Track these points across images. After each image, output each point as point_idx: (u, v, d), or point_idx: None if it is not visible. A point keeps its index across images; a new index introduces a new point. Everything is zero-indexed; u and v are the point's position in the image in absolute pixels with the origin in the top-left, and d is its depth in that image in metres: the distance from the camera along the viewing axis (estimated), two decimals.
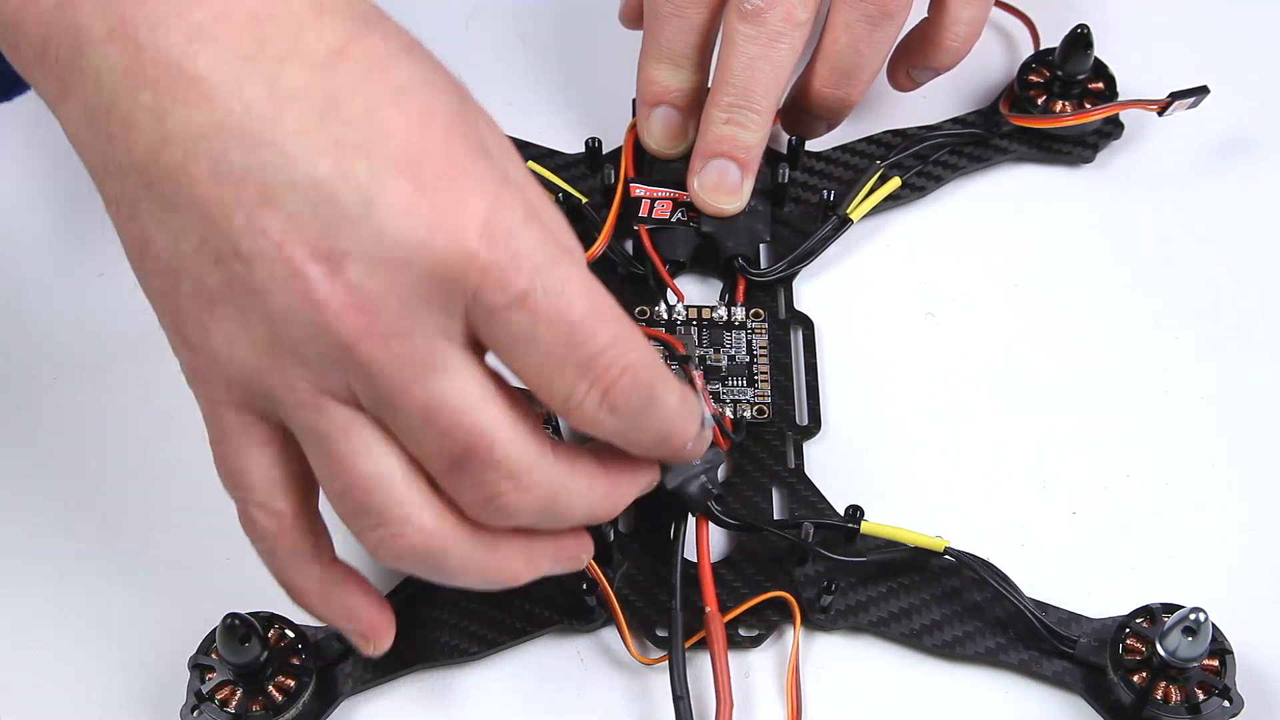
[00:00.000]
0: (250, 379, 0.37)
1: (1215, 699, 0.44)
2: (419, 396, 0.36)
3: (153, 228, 0.36)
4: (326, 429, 0.37)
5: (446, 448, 0.36)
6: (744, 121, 0.51)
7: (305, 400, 0.36)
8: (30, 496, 0.50)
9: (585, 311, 0.36)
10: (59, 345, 0.54)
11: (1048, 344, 0.53)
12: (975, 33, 0.54)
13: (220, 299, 0.36)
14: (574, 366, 0.36)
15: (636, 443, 0.39)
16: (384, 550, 0.38)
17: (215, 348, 0.37)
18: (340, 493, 0.38)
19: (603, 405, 0.37)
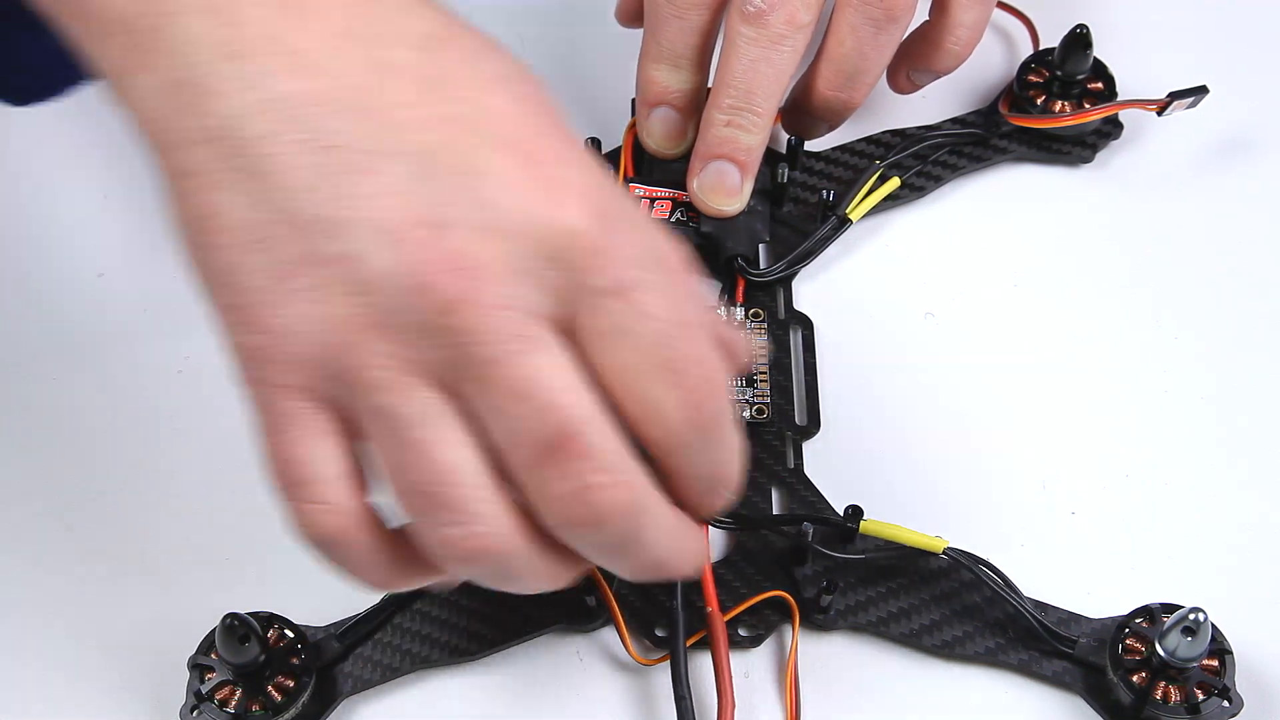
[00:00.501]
0: (324, 357, 0.34)
1: (1215, 699, 0.44)
2: (515, 372, 0.34)
3: (225, 198, 0.35)
4: (407, 413, 0.35)
5: (539, 430, 0.34)
6: (744, 123, 0.51)
7: (387, 380, 0.34)
8: (30, 496, 0.50)
9: (686, 316, 0.35)
10: (59, 345, 0.54)
11: (1048, 344, 0.53)
12: (976, 36, 0.54)
13: (299, 270, 0.34)
14: (665, 370, 0.35)
15: (696, 475, 0.37)
16: (452, 550, 0.36)
17: (287, 324, 0.34)
18: (412, 486, 0.35)
19: (687, 419, 0.36)
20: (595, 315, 0.35)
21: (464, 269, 0.34)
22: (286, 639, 0.45)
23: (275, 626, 0.46)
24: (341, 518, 0.36)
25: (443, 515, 0.35)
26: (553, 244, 0.34)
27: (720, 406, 0.36)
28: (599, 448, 0.35)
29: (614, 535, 0.36)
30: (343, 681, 0.46)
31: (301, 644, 0.45)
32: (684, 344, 0.35)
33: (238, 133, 0.34)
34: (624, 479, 0.35)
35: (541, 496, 0.35)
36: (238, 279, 0.35)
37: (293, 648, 0.45)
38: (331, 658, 0.46)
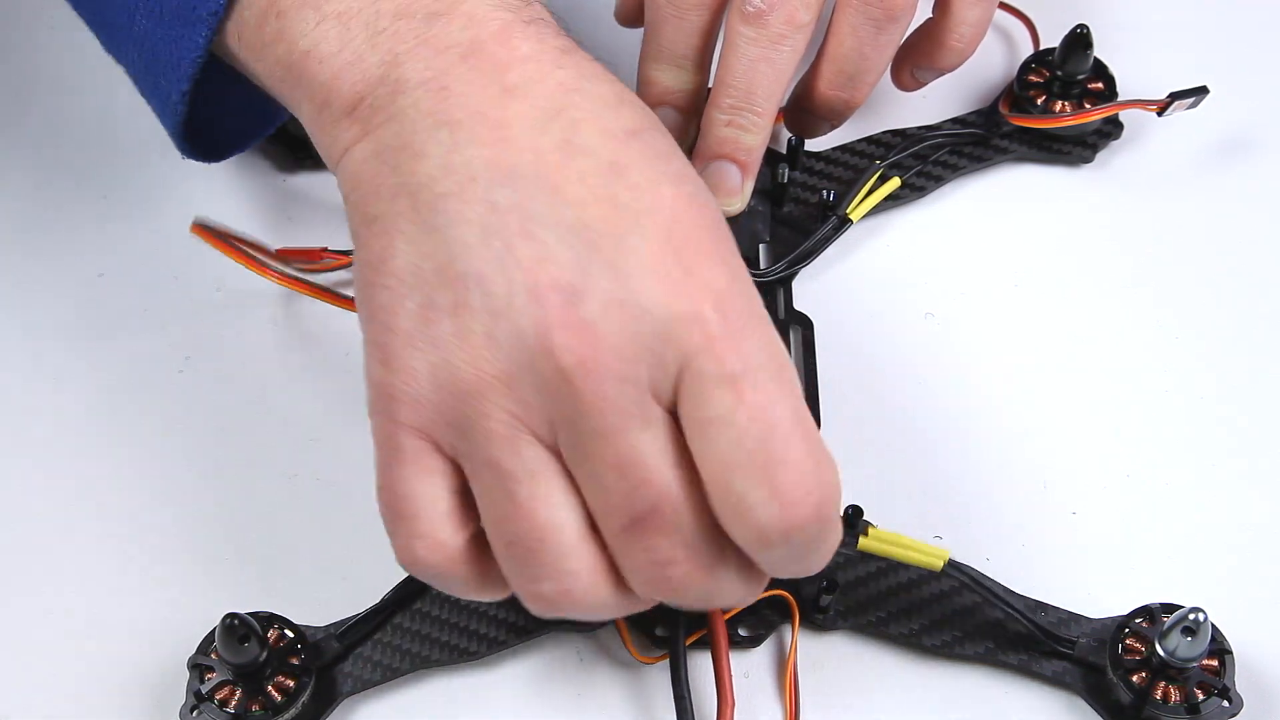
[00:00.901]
0: (447, 403, 0.37)
1: (1215, 699, 0.44)
2: (618, 446, 0.36)
3: (402, 244, 0.38)
4: (513, 468, 0.37)
5: (632, 504, 0.37)
6: (745, 124, 0.51)
7: (500, 433, 0.37)
8: (30, 496, 0.50)
9: (791, 421, 0.36)
10: (59, 345, 0.54)
11: (1048, 344, 0.53)
12: (979, 34, 0.54)
13: (444, 318, 0.37)
14: (760, 468, 0.36)
15: (779, 570, 0.39)
16: (540, 602, 0.39)
17: (419, 366, 0.37)
18: (511, 539, 0.38)
19: (777, 522, 0.36)
20: (701, 403, 0.36)
21: (587, 338, 0.36)
22: (286, 639, 0.45)
23: (275, 626, 0.46)
24: (441, 553, 0.39)
25: (533, 571, 0.38)
26: (674, 327, 0.36)
27: (820, 517, 0.37)
28: (684, 527, 0.37)
29: (687, 602, 0.38)
30: (343, 681, 0.46)
31: (301, 644, 0.45)
32: (784, 448, 0.36)
33: (429, 190, 0.38)
34: (703, 560, 0.37)
35: (626, 561, 0.38)
36: (390, 318, 0.38)
37: (293, 648, 0.45)
38: (331, 658, 0.46)
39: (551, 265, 0.37)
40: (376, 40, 0.40)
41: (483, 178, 0.38)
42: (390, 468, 0.38)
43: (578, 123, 0.38)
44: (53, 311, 0.54)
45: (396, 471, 0.38)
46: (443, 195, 0.38)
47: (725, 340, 0.36)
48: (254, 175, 0.57)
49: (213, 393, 0.52)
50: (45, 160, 0.58)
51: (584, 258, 0.37)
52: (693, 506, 0.37)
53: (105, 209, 0.57)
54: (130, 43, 0.46)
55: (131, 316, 0.54)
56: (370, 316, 0.39)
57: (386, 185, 0.39)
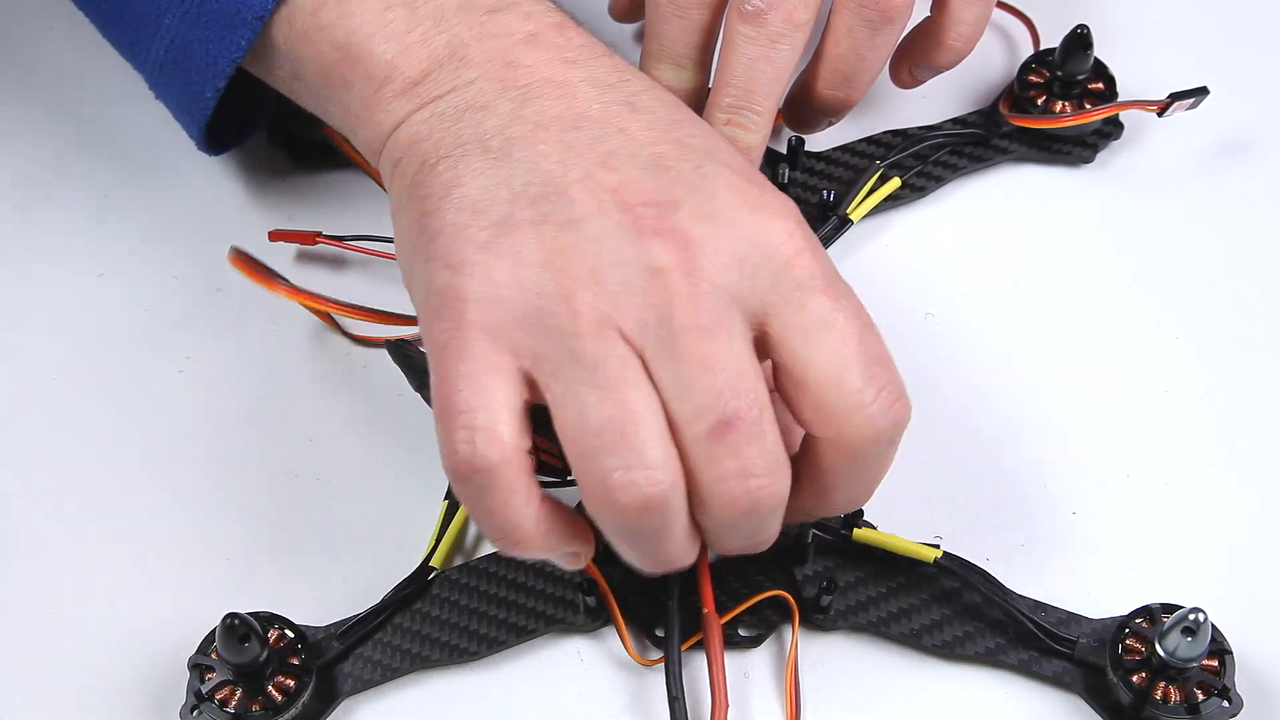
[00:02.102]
0: (530, 303, 0.38)
1: (1215, 699, 0.44)
2: (711, 347, 0.37)
3: (470, 176, 0.40)
4: (604, 356, 0.37)
5: (720, 407, 0.37)
6: (744, 122, 0.51)
7: (587, 325, 0.37)
8: (30, 496, 0.50)
9: (870, 322, 0.39)
10: (59, 345, 0.54)
11: (1048, 344, 0.53)
12: (977, 32, 0.54)
13: (525, 228, 0.39)
14: (864, 364, 0.38)
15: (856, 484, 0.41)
16: (624, 495, 0.37)
17: (498, 270, 0.38)
18: (601, 426, 0.37)
19: (886, 415, 0.38)
20: (801, 309, 0.38)
21: (681, 242, 0.38)
22: (286, 639, 0.46)
23: (275, 626, 0.46)
24: (498, 447, 0.38)
25: (622, 458, 0.37)
26: (764, 239, 0.39)
27: (906, 410, 0.39)
28: (769, 437, 0.38)
29: (755, 523, 0.39)
30: (343, 681, 0.46)
31: (301, 644, 0.45)
32: (876, 346, 0.39)
33: (498, 136, 0.41)
34: (781, 474, 0.38)
35: (706, 470, 0.38)
36: (461, 232, 0.39)
37: (293, 647, 0.45)
38: (331, 658, 0.46)
39: (636, 188, 0.39)
40: (443, 24, 0.43)
41: (554, 124, 0.40)
42: (454, 365, 0.38)
43: (636, 91, 0.42)
44: (53, 311, 0.54)
45: (461, 368, 0.38)
46: (514, 139, 0.40)
47: (811, 251, 0.39)
48: (255, 176, 0.57)
49: (213, 393, 0.52)
50: (45, 160, 0.58)
51: (667, 182, 0.39)
52: (774, 419, 0.38)
53: (105, 209, 0.57)
54: (154, 40, 0.48)
55: (131, 316, 0.54)
56: (435, 235, 0.40)
57: (449, 136, 0.41)
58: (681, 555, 0.41)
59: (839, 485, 0.41)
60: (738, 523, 0.39)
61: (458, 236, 0.39)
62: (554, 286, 0.38)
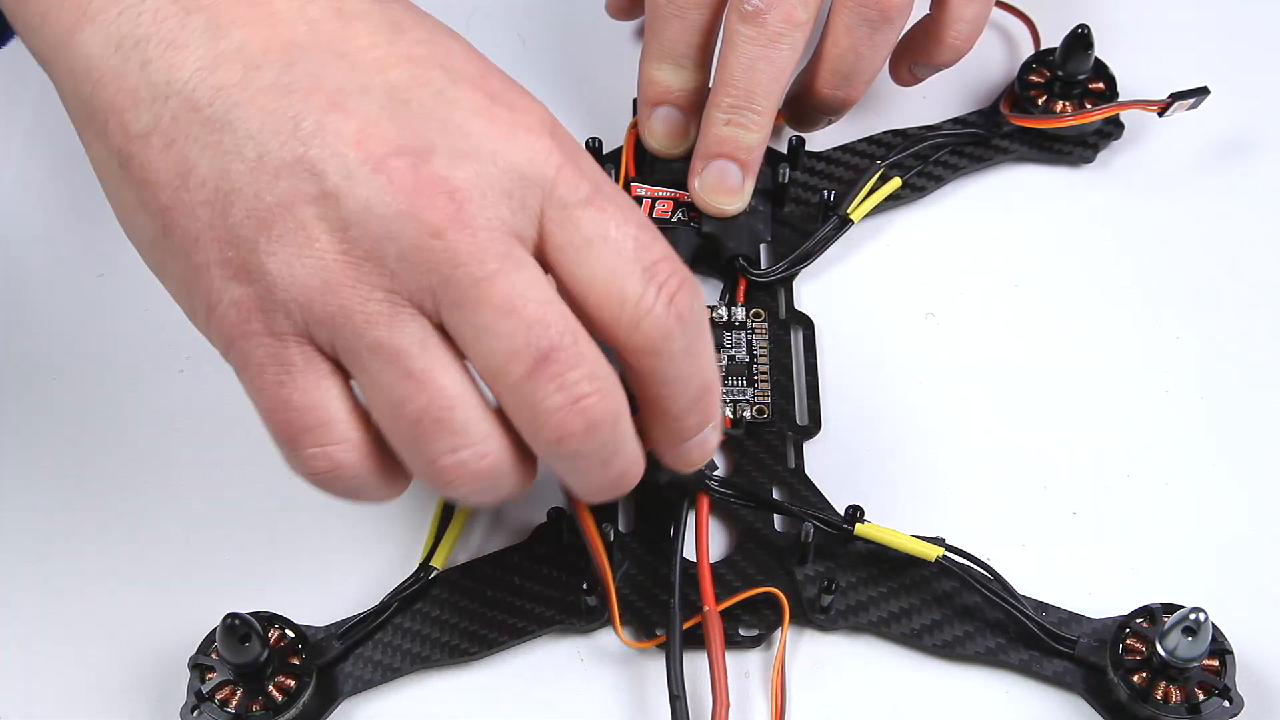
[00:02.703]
0: (314, 301, 0.35)
1: (1215, 699, 0.44)
2: (502, 288, 0.35)
3: (197, 152, 0.35)
4: (403, 344, 0.36)
5: (531, 344, 0.35)
6: (745, 122, 0.51)
7: (378, 313, 0.35)
8: (30, 496, 0.50)
9: (642, 221, 0.37)
10: (59, 345, 0.54)
11: (1048, 344, 0.53)
12: (977, 31, 0.54)
13: (280, 216, 0.35)
14: (641, 270, 0.37)
15: (685, 384, 0.39)
16: (463, 473, 0.37)
17: (274, 272, 0.35)
18: (417, 416, 0.36)
19: (670, 310, 0.37)
20: (571, 228, 0.37)
21: (447, 193, 0.35)
22: (287, 639, 0.45)
23: (276, 626, 0.46)
24: (358, 453, 0.37)
25: (449, 441, 0.37)
26: (525, 165, 0.36)
27: (692, 297, 0.38)
28: (588, 357, 0.36)
29: (599, 444, 0.37)
30: (343, 681, 0.46)
31: (302, 644, 0.45)
32: (654, 245, 0.37)
33: (204, 83, 0.35)
34: (610, 385, 0.37)
35: (534, 411, 0.36)
36: (218, 233, 0.36)
37: (293, 647, 0.45)
38: (332, 658, 0.46)
39: (378, 132, 0.35)
40: None
41: (265, 60, 0.35)
42: (282, 384, 0.37)
43: None
44: (53, 311, 0.54)
45: (291, 384, 0.36)
46: (224, 88, 0.35)
47: (572, 165, 0.37)
48: None
49: (213, 393, 0.52)
50: (45, 160, 0.58)
51: (410, 118, 0.35)
52: (586, 335, 0.37)
53: (105, 209, 0.57)
54: None
55: (131, 316, 0.54)
56: (196, 238, 0.36)
57: (146, 86, 0.35)
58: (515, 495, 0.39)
59: (668, 394, 0.39)
60: (584, 450, 0.37)
61: (223, 238, 0.35)
62: (333, 277, 0.35)
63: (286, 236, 0.35)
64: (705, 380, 0.39)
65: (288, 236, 0.35)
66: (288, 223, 0.35)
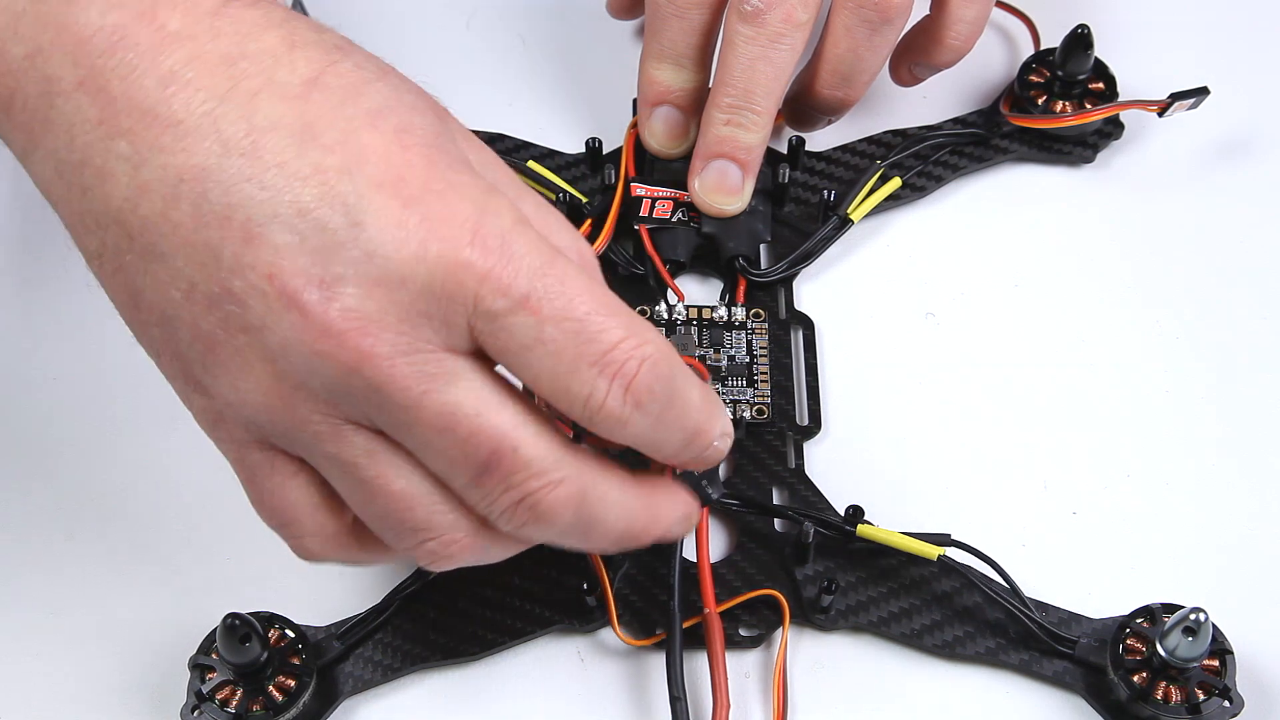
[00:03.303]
0: (263, 418, 0.36)
1: (1215, 699, 0.44)
2: (433, 409, 0.35)
3: (139, 278, 0.36)
4: (351, 457, 0.36)
5: (470, 456, 0.36)
6: (744, 122, 0.51)
7: (322, 432, 0.36)
8: (30, 497, 0.50)
9: (591, 305, 0.36)
10: (58, 346, 0.54)
11: (1048, 344, 0.53)
12: (977, 31, 0.54)
13: (218, 342, 0.36)
14: (589, 364, 0.36)
15: (664, 442, 0.38)
16: (440, 558, 0.38)
17: (222, 392, 0.36)
18: (380, 515, 0.38)
19: (627, 401, 0.36)
20: (505, 335, 0.35)
21: (358, 329, 0.35)
22: (287, 639, 0.45)
23: (276, 626, 0.46)
24: (335, 543, 0.39)
25: (417, 535, 0.38)
26: (443, 279, 0.35)
27: (657, 374, 0.37)
28: (530, 455, 0.36)
29: (569, 526, 0.38)
30: (343, 681, 0.46)
31: (302, 644, 0.45)
32: (604, 333, 0.36)
33: (133, 214, 0.35)
34: (561, 475, 0.37)
35: (490, 512, 0.37)
36: (170, 349, 0.37)
37: (293, 647, 0.45)
38: (332, 658, 0.46)
39: (289, 264, 0.34)
40: (18, 26, 0.36)
41: (182, 190, 0.35)
42: (253, 483, 0.38)
43: (254, 95, 0.35)
44: (53, 311, 0.54)
45: (261, 485, 0.38)
46: (151, 218, 0.35)
47: (498, 269, 0.35)
48: None
49: None
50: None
51: (319, 244, 0.34)
52: (531, 430, 0.36)
53: None
54: None
55: None
56: (158, 354, 0.38)
57: (89, 213, 0.36)
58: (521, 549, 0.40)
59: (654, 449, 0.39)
60: (552, 535, 0.38)
61: (171, 355, 0.37)
62: (275, 401, 0.36)
63: (226, 362, 0.36)
64: (690, 427, 0.38)
65: (227, 362, 0.36)
66: (226, 349, 0.36)
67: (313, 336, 0.35)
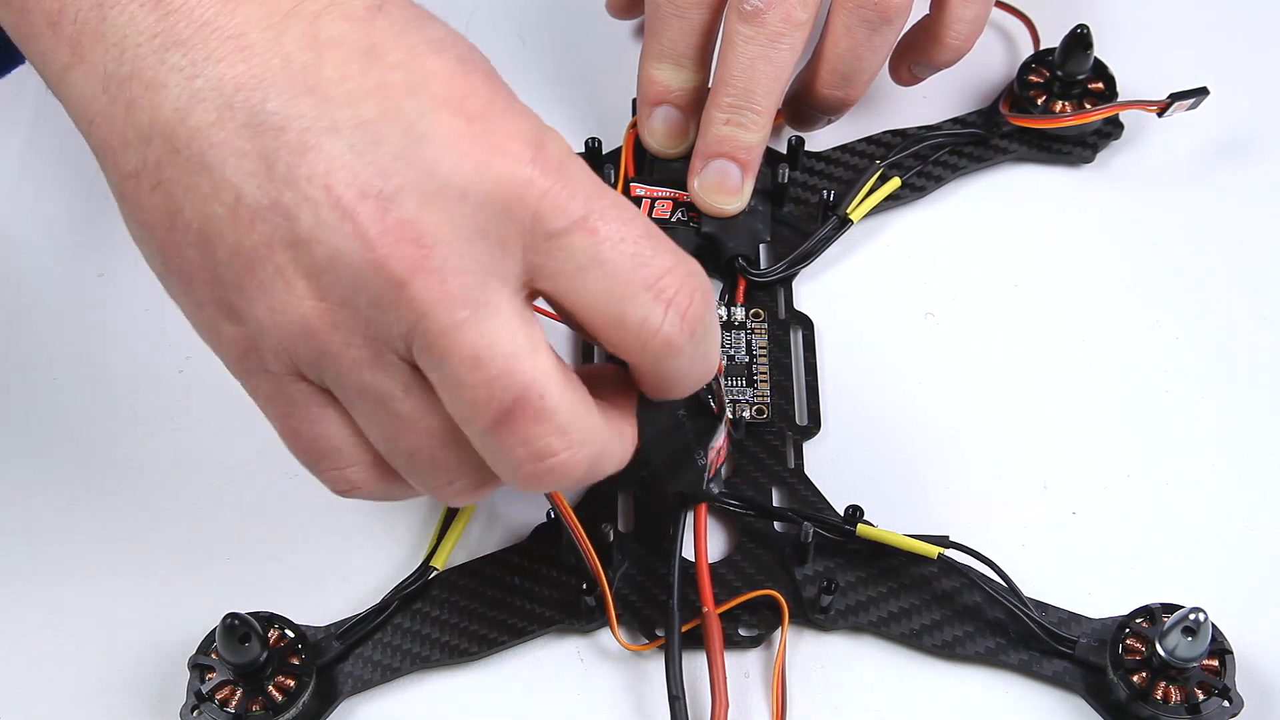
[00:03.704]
0: (298, 345, 0.35)
1: (1215, 699, 0.44)
2: (470, 339, 0.34)
3: (181, 194, 0.35)
4: (388, 389, 0.36)
5: (496, 397, 0.35)
6: (744, 122, 0.51)
7: (361, 359, 0.35)
8: (30, 496, 0.50)
9: (645, 231, 0.36)
10: (59, 345, 0.54)
11: (1048, 344, 0.53)
12: (976, 31, 0.54)
13: (260, 259, 0.35)
14: (645, 289, 0.36)
15: (695, 376, 0.38)
16: (461, 499, 0.39)
17: (260, 317, 0.35)
18: (409, 453, 0.37)
19: (683, 330, 0.36)
20: (561, 256, 0.35)
21: (414, 239, 0.34)
22: (287, 639, 0.45)
23: (275, 626, 0.46)
24: (373, 473, 0.38)
25: (440, 475, 0.38)
26: (504, 194, 0.34)
27: (710, 305, 0.37)
28: (554, 409, 0.36)
29: (570, 485, 0.38)
30: (343, 681, 0.46)
31: (302, 644, 0.45)
32: (657, 257, 0.36)
33: (183, 125, 0.35)
34: (579, 436, 0.36)
35: (500, 463, 0.36)
36: (207, 274, 0.36)
37: (293, 647, 0.45)
38: (332, 658, 0.46)
39: (346, 174, 0.34)
40: None
41: (238, 99, 0.34)
42: (289, 416, 0.37)
43: (317, 15, 0.35)
44: (53, 311, 0.54)
45: (297, 418, 0.37)
46: (200, 129, 0.35)
47: (558, 188, 0.35)
48: None
49: (213, 393, 0.52)
50: (45, 160, 0.58)
51: (378, 157, 0.34)
52: (560, 382, 0.36)
53: (105, 209, 0.57)
54: None
55: (131, 316, 0.54)
56: (190, 279, 0.36)
57: (132, 127, 0.35)
58: None
59: (671, 386, 0.39)
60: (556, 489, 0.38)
61: (208, 280, 0.36)
62: (311, 325, 0.35)
63: (267, 283, 0.35)
64: (709, 367, 0.39)
65: (268, 283, 0.35)
66: (267, 268, 0.35)
67: (364, 247, 0.34)
